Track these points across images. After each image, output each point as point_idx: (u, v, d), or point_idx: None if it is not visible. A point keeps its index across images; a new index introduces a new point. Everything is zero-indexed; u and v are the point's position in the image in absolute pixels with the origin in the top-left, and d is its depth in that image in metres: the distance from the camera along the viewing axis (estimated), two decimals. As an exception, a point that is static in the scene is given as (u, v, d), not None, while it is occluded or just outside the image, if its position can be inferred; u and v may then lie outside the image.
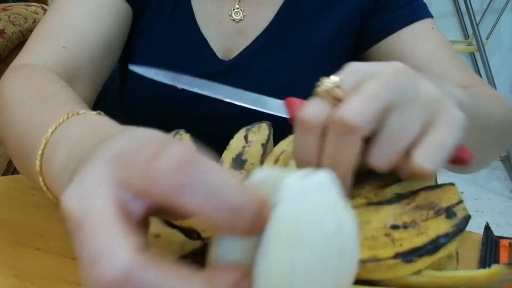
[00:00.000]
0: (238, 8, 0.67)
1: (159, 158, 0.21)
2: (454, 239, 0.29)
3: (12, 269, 0.40)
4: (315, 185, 0.21)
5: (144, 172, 0.21)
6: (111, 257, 0.20)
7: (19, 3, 1.29)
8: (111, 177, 0.22)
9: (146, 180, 0.21)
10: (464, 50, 2.39)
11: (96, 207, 0.21)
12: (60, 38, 0.58)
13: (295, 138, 0.31)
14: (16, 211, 0.50)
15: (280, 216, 0.21)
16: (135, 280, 0.19)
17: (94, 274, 0.20)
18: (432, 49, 0.62)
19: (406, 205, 0.31)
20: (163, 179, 0.21)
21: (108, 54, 0.63)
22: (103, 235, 0.20)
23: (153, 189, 0.21)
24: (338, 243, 0.21)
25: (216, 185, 0.20)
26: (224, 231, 0.22)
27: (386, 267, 0.29)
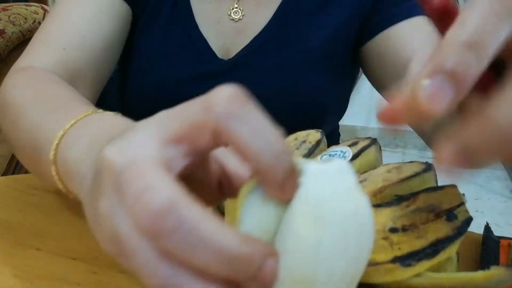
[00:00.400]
0: (237, 8, 0.67)
1: (214, 94, 0.22)
2: (454, 242, 0.29)
3: (12, 269, 0.40)
4: (334, 169, 0.22)
5: (203, 105, 0.22)
6: (159, 188, 0.20)
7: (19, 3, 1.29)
8: (158, 135, 0.22)
9: (203, 115, 0.22)
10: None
11: (143, 156, 0.22)
12: (60, 41, 0.58)
13: (469, 17, 0.23)
14: (16, 211, 0.50)
15: (304, 197, 0.22)
16: (176, 214, 0.19)
17: (140, 204, 0.20)
18: (431, 43, 0.62)
19: (406, 208, 0.31)
20: (219, 107, 0.21)
21: (109, 55, 0.63)
22: (150, 174, 0.21)
23: (208, 122, 0.22)
24: (357, 224, 0.22)
25: (263, 123, 0.22)
26: (263, 175, 0.22)
27: (384, 271, 0.29)
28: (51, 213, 0.50)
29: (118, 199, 0.21)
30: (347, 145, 0.41)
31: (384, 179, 0.34)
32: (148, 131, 0.23)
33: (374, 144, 0.40)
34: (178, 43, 0.66)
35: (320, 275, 0.21)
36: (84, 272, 0.40)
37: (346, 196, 0.22)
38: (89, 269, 0.41)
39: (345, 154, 0.39)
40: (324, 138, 0.45)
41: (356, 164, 0.38)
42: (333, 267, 0.21)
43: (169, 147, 0.22)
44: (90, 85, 0.61)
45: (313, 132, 0.45)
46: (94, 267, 0.41)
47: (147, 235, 0.20)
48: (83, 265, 0.41)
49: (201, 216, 0.20)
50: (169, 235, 0.19)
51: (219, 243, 0.20)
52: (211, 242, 0.19)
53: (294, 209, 0.22)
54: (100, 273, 0.40)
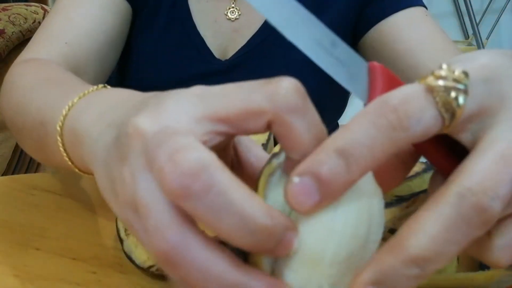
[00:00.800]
0: (234, 7, 0.67)
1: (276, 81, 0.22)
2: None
3: (12, 269, 0.40)
4: None
5: (266, 93, 0.22)
6: (191, 149, 0.20)
7: (19, 3, 1.29)
8: (196, 111, 0.22)
9: (265, 102, 0.22)
10: (464, 50, 2.38)
11: (177, 126, 0.21)
12: (63, 35, 0.59)
13: (355, 122, 0.22)
14: (16, 211, 0.50)
15: None
16: (208, 176, 0.19)
17: (171, 164, 0.19)
18: (426, 34, 0.62)
19: (406, 208, 0.31)
20: (285, 98, 0.22)
21: (112, 50, 0.64)
22: (183, 138, 0.20)
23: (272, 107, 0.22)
24: (368, 213, 0.22)
25: (318, 121, 0.23)
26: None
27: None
28: (51, 213, 0.50)
29: (146, 162, 0.21)
30: None
31: (384, 179, 0.34)
32: (185, 105, 0.22)
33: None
34: (177, 43, 0.66)
35: (329, 253, 0.21)
36: (84, 272, 0.40)
37: (363, 184, 0.22)
38: (89, 269, 0.41)
39: None
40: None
41: None
42: (341, 248, 0.22)
43: (207, 123, 0.22)
44: (93, 79, 0.61)
45: None
46: (94, 267, 0.41)
47: (175, 197, 0.20)
48: (83, 265, 0.41)
49: (232, 182, 0.20)
50: (197, 197, 0.19)
51: (246, 211, 0.19)
52: (239, 209, 0.19)
53: None
54: (100, 273, 0.40)
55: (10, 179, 0.58)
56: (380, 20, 0.64)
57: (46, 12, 1.28)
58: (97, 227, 0.47)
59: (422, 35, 0.62)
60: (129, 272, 0.40)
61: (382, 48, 0.63)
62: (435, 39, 0.62)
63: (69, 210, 0.51)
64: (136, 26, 0.67)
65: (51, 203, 0.52)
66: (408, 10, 0.63)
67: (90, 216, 0.49)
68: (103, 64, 0.62)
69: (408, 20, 0.63)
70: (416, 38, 0.61)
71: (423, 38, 0.61)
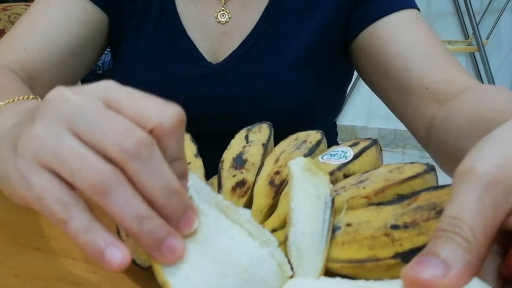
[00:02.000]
0: (224, 10, 0.67)
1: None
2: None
3: (12, 269, 0.40)
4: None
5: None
6: (139, 129, 0.27)
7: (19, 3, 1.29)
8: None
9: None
10: (464, 50, 2.39)
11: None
12: (23, 42, 0.61)
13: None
14: (16, 211, 0.50)
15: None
16: (153, 148, 0.26)
17: (130, 132, 0.26)
18: (417, 38, 0.61)
19: (407, 206, 0.31)
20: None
21: (75, 60, 0.66)
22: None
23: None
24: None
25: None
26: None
27: (385, 267, 0.29)
28: (51, 213, 0.50)
29: (65, 124, 0.26)
30: (348, 145, 0.41)
31: (385, 179, 0.34)
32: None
33: (374, 144, 0.41)
34: (167, 47, 0.66)
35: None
36: (84, 272, 0.40)
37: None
38: (89, 269, 0.41)
39: (346, 154, 0.39)
40: (324, 138, 0.45)
41: (357, 164, 0.38)
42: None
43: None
44: (49, 86, 0.61)
45: (313, 132, 0.45)
46: (94, 267, 0.41)
47: (127, 154, 0.26)
48: (83, 265, 0.41)
49: (162, 158, 0.27)
50: (143, 159, 0.26)
51: (169, 177, 0.27)
52: (166, 175, 0.27)
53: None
54: (100, 273, 0.40)
55: (10, 179, 0.58)
56: (372, 22, 0.63)
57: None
58: (97, 227, 0.47)
59: (413, 39, 0.61)
60: (129, 272, 0.40)
61: (373, 52, 0.62)
62: (426, 43, 0.60)
63: (69, 210, 0.51)
64: (126, 32, 0.68)
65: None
66: (399, 13, 0.62)
67: (90, 216, 0.49)
68: (62, 72, 0.64)
69: (399, 24, 0.62)
70: (406, 42, 0.60)
71: (413, 42, 0.60)
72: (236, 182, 0.41)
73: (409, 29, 0.61)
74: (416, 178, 0.34)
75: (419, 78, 0.58)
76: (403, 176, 0.34)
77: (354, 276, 0.30)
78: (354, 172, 0.38)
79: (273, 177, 0.40)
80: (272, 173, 0.40)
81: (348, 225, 0.31)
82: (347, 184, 0.35)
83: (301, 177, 0.34)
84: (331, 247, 0.31)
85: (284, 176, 0.40)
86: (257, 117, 0.52)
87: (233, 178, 0.42)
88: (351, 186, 0.35)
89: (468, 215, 0.22)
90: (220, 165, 0.43)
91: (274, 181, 0.40)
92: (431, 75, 0.57)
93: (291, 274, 0.29)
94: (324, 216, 0.31)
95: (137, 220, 0.26)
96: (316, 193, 0.33)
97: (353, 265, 0.30)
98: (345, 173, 0.38)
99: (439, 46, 0.61)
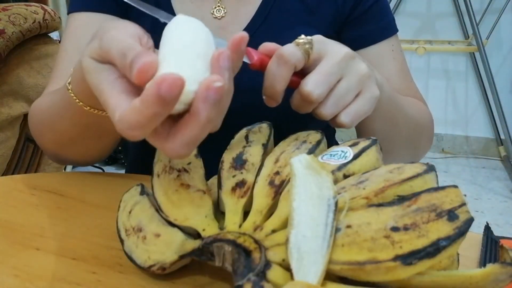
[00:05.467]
0: (219, 6, 0.68)
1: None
2: (455, 242, 0.29)
3: (12, 269, 0.40)
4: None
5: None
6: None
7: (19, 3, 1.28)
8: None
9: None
10: (464, 50, 2.39)
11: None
12: (65, 77, 0.65)
13: (270, 68, 0.43)
14: (16, 211, 0.50)
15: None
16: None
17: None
18: (388, 75, 0.68)
19: (408, 207, 0.31)
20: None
21: None
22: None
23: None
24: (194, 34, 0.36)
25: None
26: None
27: (385, 270, 0.29)
28: (51, 213, 0.50)
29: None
30: (348, 145, 0.41)
31: (385, 179, 0.34)
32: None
33: (374, 144, 0.40)
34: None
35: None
36: (84, 272, 0.40)
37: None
38: (89, 269, 0.41)
39: (346, 154, 0.39)
40: (325, 138, 0.45)
41: (357, 164, 0.38)
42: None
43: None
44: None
45: (313, 132, 0.45)
46: (94, 267, 0.41)
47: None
48: (83, 265, 0.41)
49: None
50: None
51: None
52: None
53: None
54: (100, 273, 0.40)
55: (10, 179, 0.58)
56: (356, 49, 0.67)
57: (46, 12, 1.28)
58: (97, 227, 0.47)
59: (386, 75, 0.66)
60: (129, 272, 0.40)
61: None
62: (396, 81, 0.68)
63: (69, 210, 0.51)
64: None
65: (51, 203, 0.52)
66: (379, 45, 0.68)
67: (90, 216, 0.49)
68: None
69: (377, 57, 0.68)
70: (383, 75, 0.64)
71: (388, 77, 0.67)
72: (236, 183, 0.41)
73: (383, 66, 0.68)
74: (416, 178, 0.34)
75: None
76: (403, 177, 0.34)
77: (353, 278, 0.30)
78: (354, 172, 0.38)
79: (273, 177, 0.40)
80: (272, 173, 0.40)
81: (348, 226, 0.31)
82: (347, 185, 0.35)
83: (304, 176, 0.33)
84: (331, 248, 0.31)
85: (284, 176, 0.40)
86: (254, 110, 0.53)
87: (233, 178, 0.42)
88: (351, 187, 0.35)
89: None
90: (220, 166, 0.43)
91: (274, 182, 0.40)
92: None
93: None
94: (327, 219, 0.31)
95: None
96: (318, 193, 0.32)
97: (352, 267, 0.30)
98: (345, 174, 0.38)
99: (408, 80, 0.71)
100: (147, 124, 0.30)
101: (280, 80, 0.43)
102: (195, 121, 0.31)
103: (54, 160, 0.65)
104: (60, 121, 0.54)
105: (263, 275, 0.31)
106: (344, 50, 0.44)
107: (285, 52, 0.43)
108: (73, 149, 0.58)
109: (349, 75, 0.44)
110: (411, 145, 0.67)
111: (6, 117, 1.21)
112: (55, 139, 0.58)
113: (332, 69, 0.43)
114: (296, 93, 0.44)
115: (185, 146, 0.32)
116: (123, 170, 0.80)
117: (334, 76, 0.43)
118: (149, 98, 0.29)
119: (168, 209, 0.40)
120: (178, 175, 0.42)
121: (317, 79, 0.42)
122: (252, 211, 0.39)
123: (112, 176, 0.60)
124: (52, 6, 2.29)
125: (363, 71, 0.44)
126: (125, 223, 0.42)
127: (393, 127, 0.60)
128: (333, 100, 0.43)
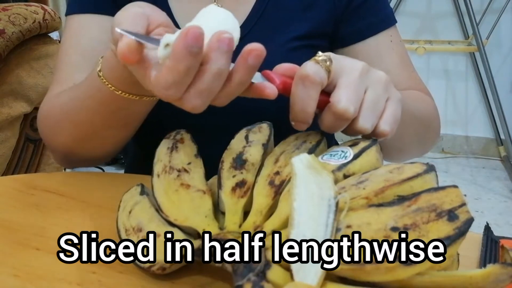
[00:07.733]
0: (216, 4, 0.68)
1: None
2: (455, 242, 0.29)
3: (12, 269, 0.40)
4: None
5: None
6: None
7: (19, 3, 1.28)
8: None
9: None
10: (464, 50, 2.38)
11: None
12: (68, 79, 0.64)
13: (297, 92, 0.41)
14: (16, 211, 0.50)
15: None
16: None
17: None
18: (391, 64, 0.68)
19: (408, 207, 0.31)
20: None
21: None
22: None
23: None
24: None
25: None
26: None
27: (385, 270, 0.29)
28: (51, 213, 0.50)
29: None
30: (348, 145, 0.41)
31: (385, 179, 0.34)
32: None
33: (374, 144, 0.41)
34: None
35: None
36: (84, 272, 0.40)
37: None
38: (89, 269, 0.41)
39: (346, 154, 0.39)
40: (324, 138, 0.45)
41: (357, 164, 0.38)
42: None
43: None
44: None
45: (313, 132, 0.45)
46: (94, 267, 0.41)
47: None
48: (83, 265, 0.41)
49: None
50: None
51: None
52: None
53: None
54: (100, 273, 0.40)
55: (10, 179, 0.58)
56: (351, 44, 0.68)
57: (46, 12, 1.28)
58: (97, 227, 0.47)
59: (385, 68, 0.65)
60: (129, 272, 0.40)
61: None
62: (396, 71, 0.68)
63: (69, 210, 0.51)
64: None
65: (51, 203, 0.52)
66: (377, 37, 0.68)
67: (90, 216, 0.49)
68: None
69: (375, 49, 0.68)
70: (383, 68, 0.64)
71: (389, 68, 0.67)
72: (236, 183, 0.41)
73: (382, 58, 0.68)
74: (416, 178, 0.34)
75: None
76: (403, 177, 0.34)
77: (353, 278, 0.30)
78: (354, 173, 0.38)
79: (273, 177, 0.40)
80: (272, 173, 0.40)
81: (348, 226, 0.31)
82: (347, 185, 0.35)
83: (305, 175, 0.33)
84: (331, 248, 0.31)
85: (284, 176, 0.40)
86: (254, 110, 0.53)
87: (233, 178, 0.42)
88: (351, 187, 0.35)
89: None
90: (220, 166, 0.43)
91: (274, 182, 0.40)
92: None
93: None
94: (327, 220, 0.31)
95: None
96: (319, 193, 0.32)
97: (352, 267, 0.30)
98: (345, 174, 0.38)
99: (408, 73, 0.70)
100: (180, 80, 0.35)
101: (311, 103, 0.41)
102: (207, 69, 0.35)
103: (63, 163, 0.65)
104: (84, 112, 0.55)
105: (263, 275, 0.31)
106: (360, 63, 0.44)
107: (309, 72, 0.41)
108: (90, 144, 0.58)
109: (373, 85, 0.43)
110: (420, 140, 0.67)
111: (6, 117, 1.21)
112: (74, 134, 0.58)
113: (357, 82, 0.42)
114: (327, 113, 0.42)
115: (198, 96, 0.36)
116: (123, 170, 0.81)
117: (362, 89, 0.42)
118: (178, 52, 0.33)
119: (168, 209, 0.40)
120: (178, 175, 0.42)
121: (348, 94, 0.41)
122: (252, 211, 0.39)
123: (112, 176, 0.60)
124: (52, 6, 2.29)
125: (383, 77, 0.44)
126: (125, 223, 0.42)
127: (403, 126, 0.59)
128: (368, 112, 0.42)
